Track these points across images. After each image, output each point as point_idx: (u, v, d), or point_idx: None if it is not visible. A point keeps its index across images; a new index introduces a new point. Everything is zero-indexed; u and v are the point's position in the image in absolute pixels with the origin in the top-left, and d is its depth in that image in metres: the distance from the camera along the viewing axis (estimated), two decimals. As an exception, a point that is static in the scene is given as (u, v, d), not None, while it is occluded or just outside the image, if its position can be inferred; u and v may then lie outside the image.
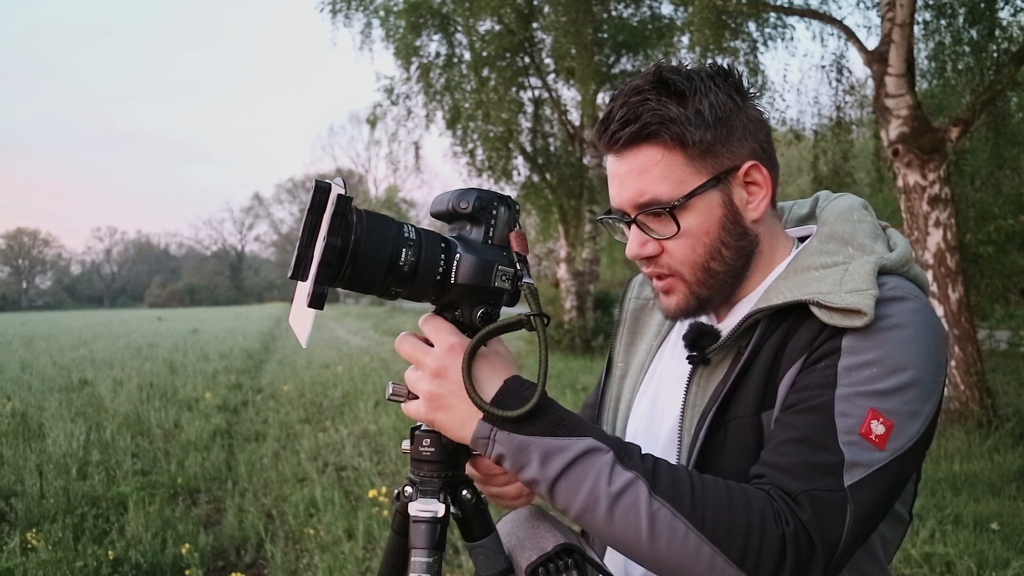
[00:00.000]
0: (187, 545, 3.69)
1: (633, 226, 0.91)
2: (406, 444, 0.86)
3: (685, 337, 0.94)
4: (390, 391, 0.83)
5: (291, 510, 4.43)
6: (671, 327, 1.07)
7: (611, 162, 0.92)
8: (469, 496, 0.85)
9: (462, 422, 0.79)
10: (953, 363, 5.87)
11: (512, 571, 0.85)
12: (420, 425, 0.85)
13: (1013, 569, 3.33)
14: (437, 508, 0.82)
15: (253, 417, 7.75)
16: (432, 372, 0.79)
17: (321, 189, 0.74)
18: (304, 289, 0.75)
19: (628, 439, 1.01)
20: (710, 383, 0.92)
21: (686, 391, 0.94)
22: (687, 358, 0.94)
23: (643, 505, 0.74)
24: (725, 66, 0.92)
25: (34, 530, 3.91)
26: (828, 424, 0.78)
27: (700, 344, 0.92)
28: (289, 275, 0.74)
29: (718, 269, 0.91)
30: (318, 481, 4.98)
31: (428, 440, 0.84)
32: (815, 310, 0.83)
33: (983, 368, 6.00)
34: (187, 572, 3.48)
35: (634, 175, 0.89)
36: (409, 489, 0.85)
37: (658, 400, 1.01)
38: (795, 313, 0.87)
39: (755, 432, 0.86)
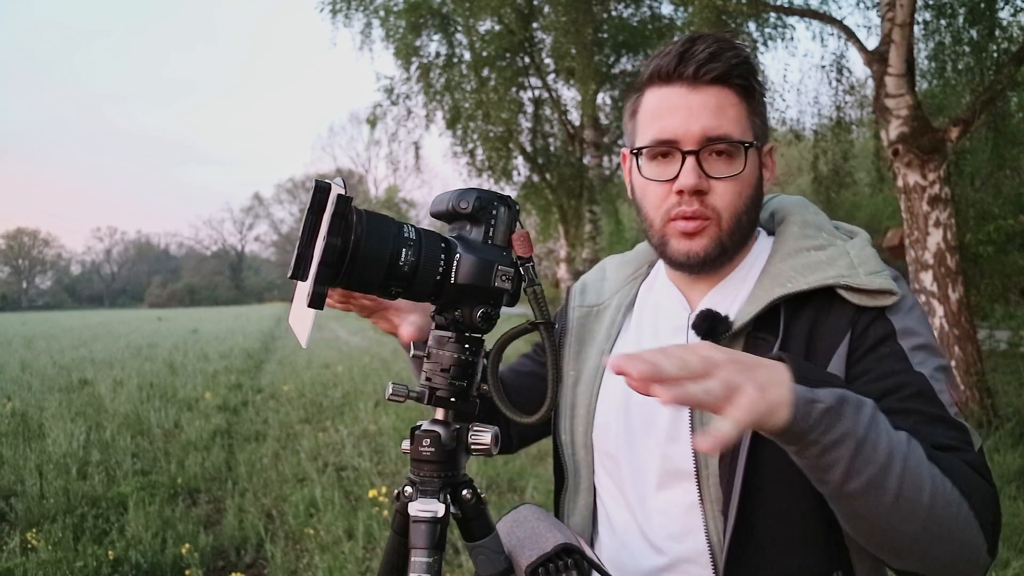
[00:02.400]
0: (187, 545, 3.69)
1: (692, 158, 0.92)
2: (406, 444, 0.86)
3: (697, 326, 0.92)
4: (390, 391, 0.82)
5: (291, 510, 4.43)
6: (621, 327, 1.07)
7: (679, 94, 0.92)
8: (469, 496, 0.85)
9: (781, 388, 0.69)
10: (953, 363, 5.87)
11: (512, 571, 0.85)
12: (420, 425, 0.85)
13: (1013, 569, 3.32)
14: (437, 508, 0.81)
15: (253, 417, 7.75)
16: (730, 361, 0.68)
17: (321, 189, 0.74)
18: (304, 289, 0.75)
19: (611, 440, 1.01)
20: None
21: None
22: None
23: (924, 461, 0.75)
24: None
25: (34, 530, 3.92)
26: (940, 403, 0.85)
27: (717, 331, 0.91)
28: (289, 275, 0.74)
29: (745, 224, 0.96)
30: (318, 481, 4.98)
31: (428, 440, 0.83)
32: (844, 293, 0.88)
33: (983, 368, 6.00)
34: (187, 572, 3.48)
35: (710, 109, 0.91)
36: (409, 489, 0.85)
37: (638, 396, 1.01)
38: (817, 296, 0.90)
39: None
